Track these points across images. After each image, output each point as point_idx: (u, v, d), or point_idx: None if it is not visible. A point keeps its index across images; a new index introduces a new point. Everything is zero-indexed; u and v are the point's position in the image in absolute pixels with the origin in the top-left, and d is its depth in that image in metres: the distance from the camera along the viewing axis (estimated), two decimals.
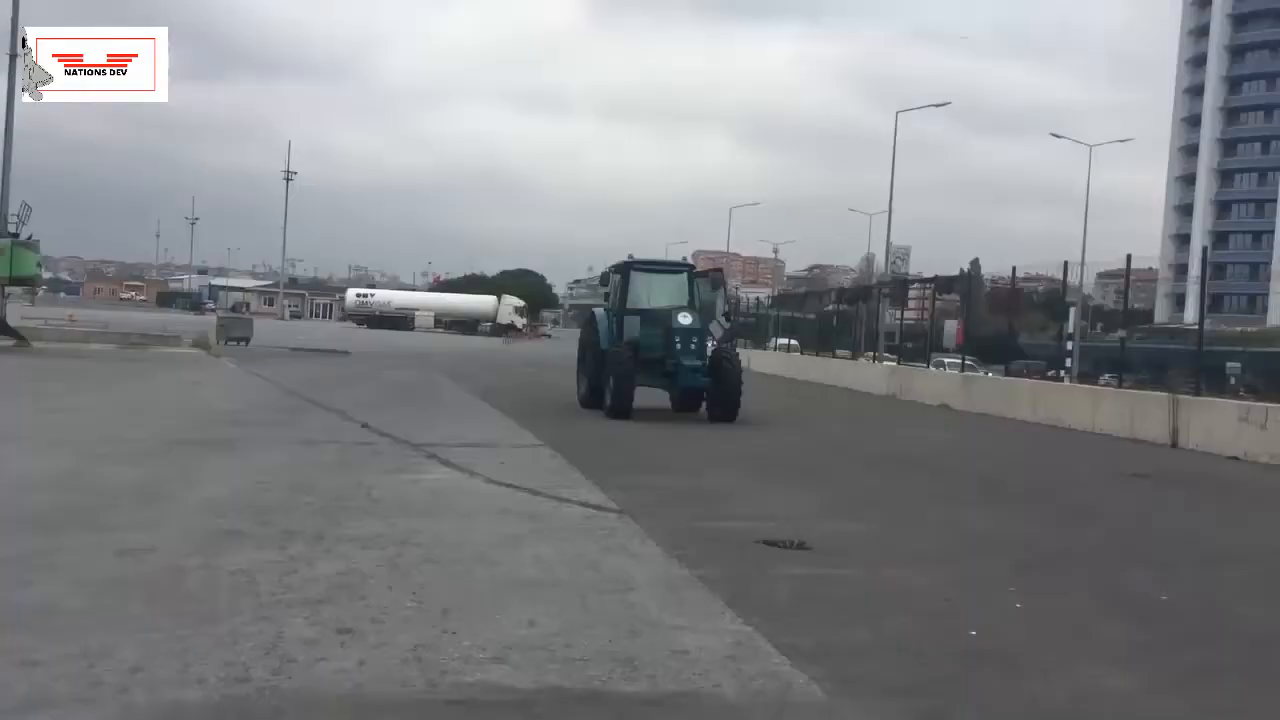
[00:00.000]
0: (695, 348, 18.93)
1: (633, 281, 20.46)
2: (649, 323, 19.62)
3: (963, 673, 5.52)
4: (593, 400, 19.75)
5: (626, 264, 21.37)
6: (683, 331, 18.89)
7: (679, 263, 25.13)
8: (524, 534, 8.33)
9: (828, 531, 9.04)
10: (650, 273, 21.17)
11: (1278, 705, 5.29)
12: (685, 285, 20.74)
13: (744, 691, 5.03)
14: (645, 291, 20.42)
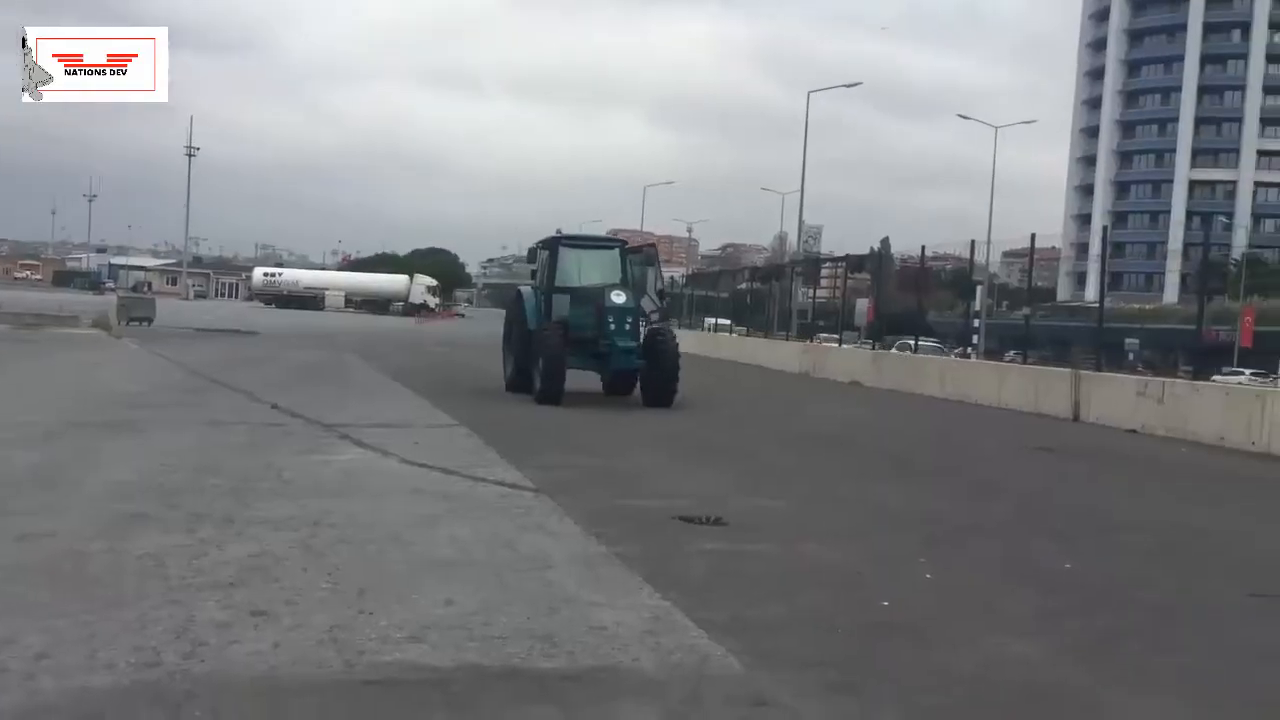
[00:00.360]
0: (629, 328, 17.95)
1: (561, 258, 19.28)
2: (579, 301, 18.52)
3: (874, 644, 5.63)
4: (520, 382, 18.80)
5: (555, 239, 20.13)
6: (615, 310, 17.87)
7: (610, 238, 23.91)
8: (439, 514, 8.26)
9: (743, 508, 9.12)
10: (580, 248, 20.06)
11: (1177, 669, 5.48)
12: (617, 262, 19.67)
13: (662, 665, 5.07)
14: (575, 268, 19.25)
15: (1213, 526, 9.93)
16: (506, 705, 4.46)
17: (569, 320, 18.35)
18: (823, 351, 33.21)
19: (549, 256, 19.51)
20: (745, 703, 4.62)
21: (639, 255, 20.48)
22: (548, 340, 17.74)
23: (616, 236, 24.57)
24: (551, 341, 17.66)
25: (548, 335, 17.83)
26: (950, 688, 4.98)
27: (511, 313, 20.34)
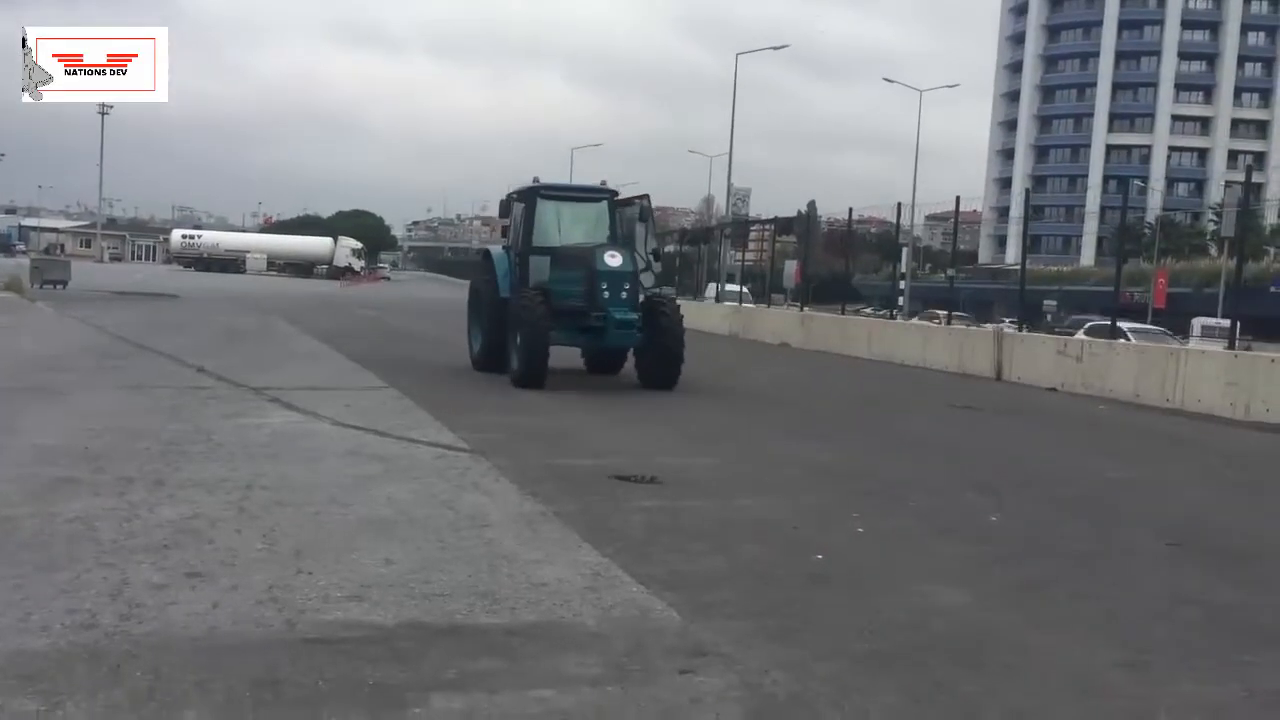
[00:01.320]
0: (626, 296, 14.90)
1: (540, 212, 16.35)
2: (565, 264, 15.64)
3: (810, 594, 5.75)
4: (490, 361, 15.99)
5: (532, 189, 17.03)
6: (610, 275, 14.80)
7: (598, 188, 18.94)
8: (375, 475, 8.23)
9: (678, 466, 9.22)
10: (562, 200, 16.98)
11: (1099, 613, 5.68)
12: (606, 216, 16.76)
13: (604, 619, 5.13)
14: (556, 224, 16.46)
15: (1130, 479, 10.26)
16: (451, 660, 4.49)
17: (550, 287, 15.46)
18: (751, 313, 33.45)
19: (524, 211, 16.50)
20: (686, 653, 4.70)
21: (632, 208, 17.24)
22: (528, 311, 14.71)
23: (604, 186, 19.01)
24: (532, 313, 14.64)
25: (527, 305, 14.83)
26: (886, 634, 5.12)
27: (478, 278, 17.48)
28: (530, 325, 14.56)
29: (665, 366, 15.47)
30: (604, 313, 14.77)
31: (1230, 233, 30.21)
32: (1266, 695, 4.59)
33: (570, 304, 15.05)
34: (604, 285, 14.77)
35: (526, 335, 14.60)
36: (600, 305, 14.77)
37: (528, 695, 4.16)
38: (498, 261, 16.64)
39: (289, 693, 4.08)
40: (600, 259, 14.88)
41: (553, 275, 15.62)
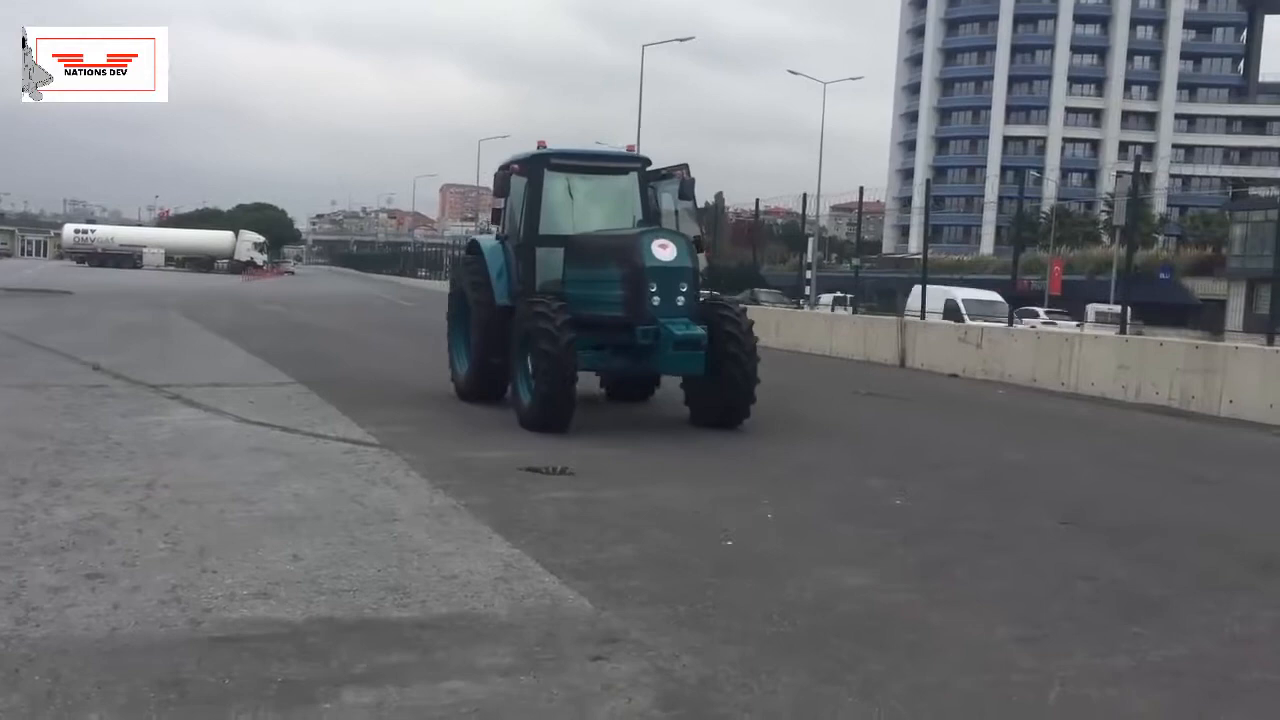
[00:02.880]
0: (684, 302, 10.86)
1: (549, 188, 12.15)
2: (590, 258, 11.59)
3: (721, 580, 5.83)
4: (483, 387, 12.46)
5: (538, 157, 12.31)
6: (663, 274, 10.74)
7: (624, 155, 13.57)
8: (281, 471, 8.11)
9: (587, 457, 9.23)
10: (579, 173, 12.58)
11: (998, 591, 5.86)
12: (634, 193, 12.62)
13: (516, 610, 5.15)
14: (569, 204, 12.29)
15: (1027, 461, 10.57)
16: (361, 654, 4.46)
17: (568, 290, 11.53)
18: None
19: (528, 187, 12.17)
20: (597, 641, 4.74)
21: (667, 182, 12.68)
22: (547, 325, 10.61)
23: (633, 152, 13.72)
24: (554, 329, 10.55)
25: (546, 317, 10.70)
26: (794, 617, 5.22)
27: (463, 278, 13.37)
28: (553, 346, 10.45)
29: (731, 399, 11.18)
30: (653, 326, 10.61)
31: (1122, 221, 31.28)
32: (1153, 665, 4.79)
33: (599, 314, 11.02)
34: (653, 288, 10.67)
35: (549, 360, 10.43)
36: (647, 315, 10.63)
37: (439, 687, 4.16)
38: (490, 257, 12.57)
39: (195, 692, 4.02)
40: (648, 251, 10.72)
41: (570, 274, 11.66)
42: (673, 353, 10.61)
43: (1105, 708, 4.28)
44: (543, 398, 10.57)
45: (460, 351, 13.30)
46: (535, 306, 10.93)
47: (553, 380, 10.42)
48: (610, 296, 11.01)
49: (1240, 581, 6.23)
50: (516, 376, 11.25)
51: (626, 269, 10.85)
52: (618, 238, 11.49)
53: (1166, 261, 60.84)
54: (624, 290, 10.84)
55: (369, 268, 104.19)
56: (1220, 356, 15.44)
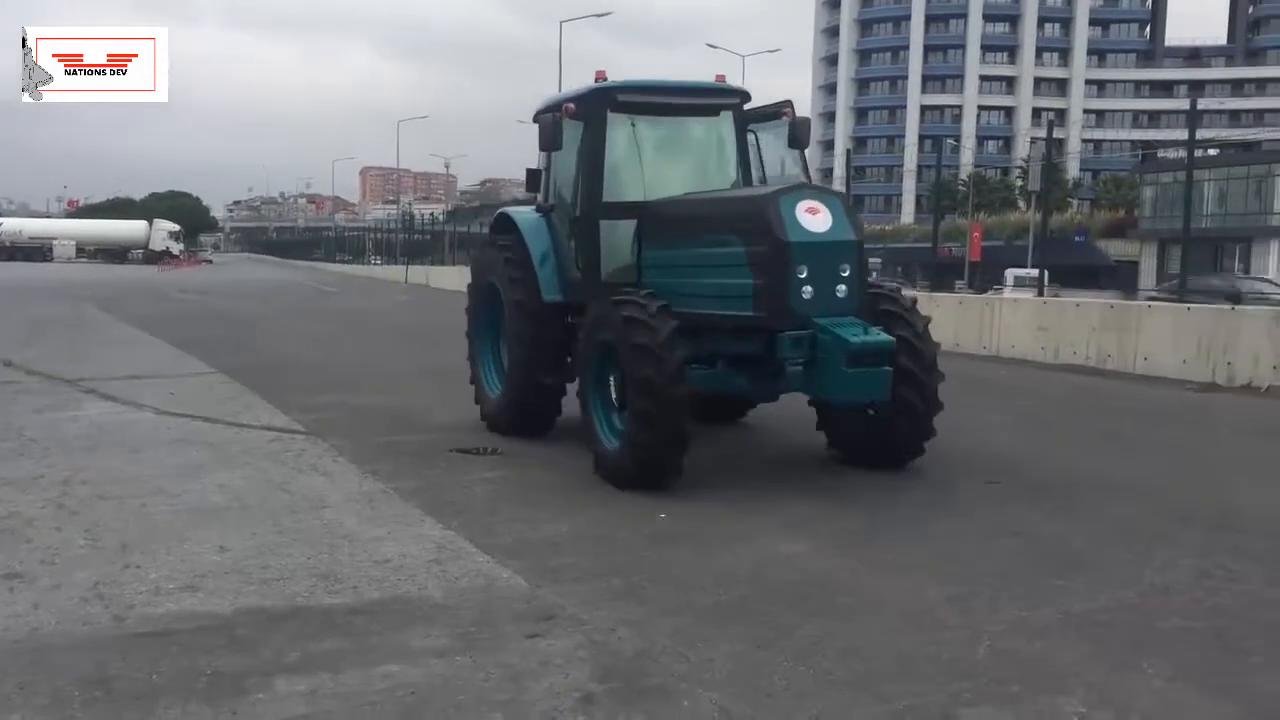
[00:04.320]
0: (846, 294, 7.52)
1: (614, 137, 8.68)
2: (684, 234, 8.21)
3: (656, 553, 5.85)
4: (525, 417, 9.30)
5: (600, 92, 8.81)
6: (815, 252, 7.39)
7: (711, 86, 9.41)
8: (205, 462, 7.96)
9: (517, 437, 9.18)
10: (654, 113, 8.97)
11: (925, 553, 5.96)
12: (730, 141, 9.23)
13: (450, 591, 5.11)
14: (636, 158, 8.78)
15: (951, 424, 10.72)
16: (293, 643, 4.40)
17: (651, 281, 8.26)
18: None
19: (586, 136, 8.71)
20: (533, 618, 4.73)
21: (771, 125, 9.23)
22: (647, 337, 7.32)
23: (723, 83, 9.55)
24: (660, 344, 7.27)
25: (641, 323, 7.41)
26: (729, 586, 5.26)
27: (488, 269, 9.86)
28: (656, 370, 7.16)
29: (905, 433, 8.06)
30: (808, 331, 7.27)
31: (1036, 187, 31.89)
32: (1079, 617, 4.90)
33: (704, 313, 7.71)
34: (802, 273, 7.28)
35: (649, 391, 7.18)
36: (797, 315, 7.28)
37: (373, 672, 4.11)
38: (531, 237, 9.29)
39: (121, 689, 3.93)
40: (790, 218, 7.31)
41: (651, 255, 8.43)
42: (846, 371, 7.10)
43: (1032, 660, 4.37)
44: (641, 445, 7.18)
45: (489, 368, 9.97)
46: (623, 307, 7.47)
47: (658, 420, 7.07)
48: (722, 288, 7.59)
49: (1159, 533, 6.40)
50: (589, 406, 7.88)
51: (758, 246, 7.30)
52: (737, 201, 8.08)
53: (1081, 225, 62.11)
54: (755, 278, 7.31)
55: (289, 254, 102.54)
56: (1134, 316, 15.84)
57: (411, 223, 66.00)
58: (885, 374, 7.34)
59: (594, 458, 7.78)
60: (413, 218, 69.88)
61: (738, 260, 7.50)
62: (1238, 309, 15.79)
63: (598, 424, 7.86)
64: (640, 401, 7.21)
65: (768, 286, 7.30)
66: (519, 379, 9.18)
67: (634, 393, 7.28)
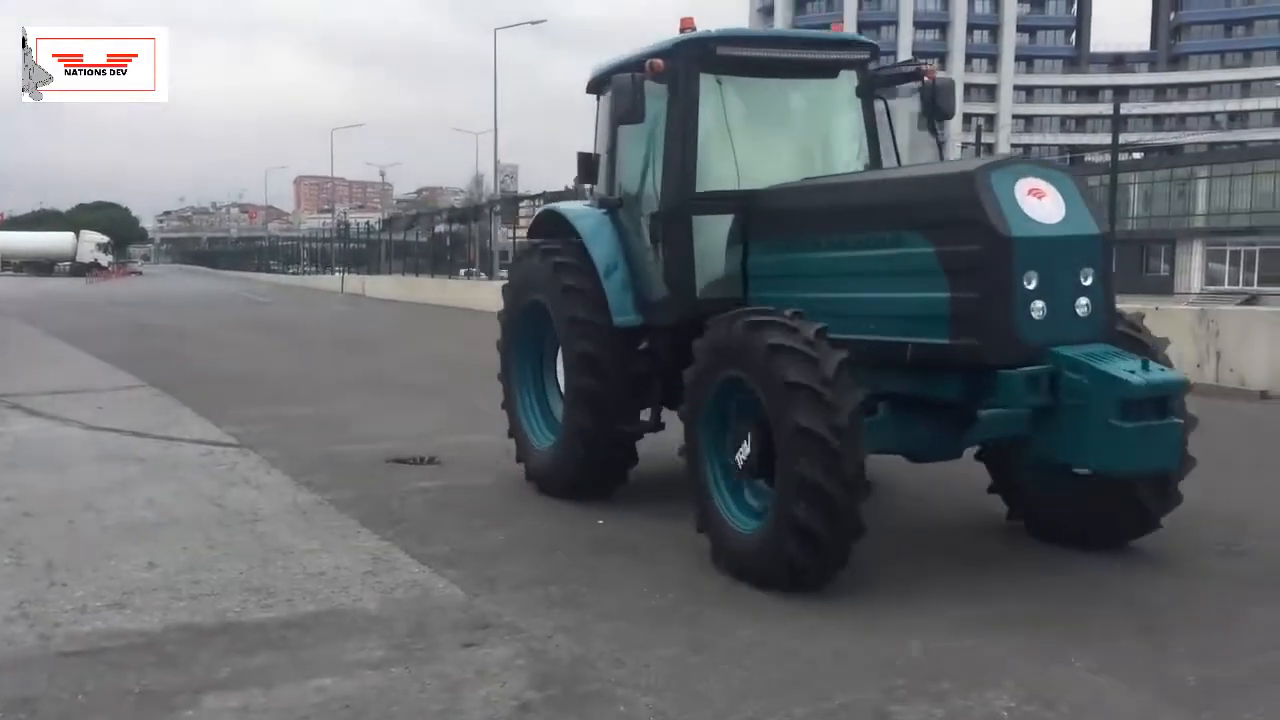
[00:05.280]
0: (1089, 311, 5.35)
1: (709, 104, 6.68)
2: (831, 229, 6.08)
3: (593, 560, 5.84)
4: (590, 474, 7.15)
5: (694, 43, 6.64)
6: (1047, 252, 5.24)
7: (827, 36, 7.33)
8: (134, 478, 7.82)
9: (455, 444, 9.14)
10: (758, 73, 6.87)
11: (871, 551, 6.01)
12: (855, 112, 7.21)
13: (385, 602, 5.07)
14: (737, 132, 6.79)
15: None
16: (224, 659, 4.33)
17: (755, 294, 6.49)
18: None
19: (672, 102, 6.67)
20: (470, 627, 4.71)
21: (918, 87, 7.16)
22: (809, 375, 5.11)
23: (847, 33, 7.48)
24: (829, 385, 5.08)
25: (796, 354, 5.19)
26: (666, 591, 5.27)
27: (528, 286, 7.75)
28: (826, 424, 5.05)
29: (1148, 493, 5.77)
30: (1046, 368, 5.25)
31: None
32: (1014, 615, 4.97)
33: (877, 339, 5.69)
34: (1031, 283, 5.24)
35: (822, 451, 5.04)
36: (1025, 344, 5.26)
37: (307, 686, 4.07)
38: (594, 240, 7.19)
39: (46, 709, 3.85)
40: (1008, 203, 5.27)
41: (767, 262, 6.52)
42: (1119, 427, 5.01)
43: (963, 655, 4.43)
44: (810, 535, 5.06)
45: (532, 412, 7.91)
46: (763, 330, 5.35)
47: (835, 497, 5.01)
48: (893, 305, 5.63)
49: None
50: (705, 473, 5.80)
51: (961, 244, 5.26)
52: (921, 182, 5.89)
53: None
54: (955, 290, 5.29)
55: (222, 265, 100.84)
56: None
57: (347, 231, 65.41)
58: (1175, 430, 5.24)
59: (711, 547, 5.69)
60: (348, 226, 69.25)
61: (922, 266, 5.40)
62: None
63: (718, 498, 5.72)
64: (806, 467, 4.99)
65: (980, 302, 5.20)
66: (585, 426, 6.92)
67: (793, 455, 5.05)
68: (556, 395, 7.75)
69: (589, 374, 6.89)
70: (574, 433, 7.05)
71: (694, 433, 5.87)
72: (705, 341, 5.74)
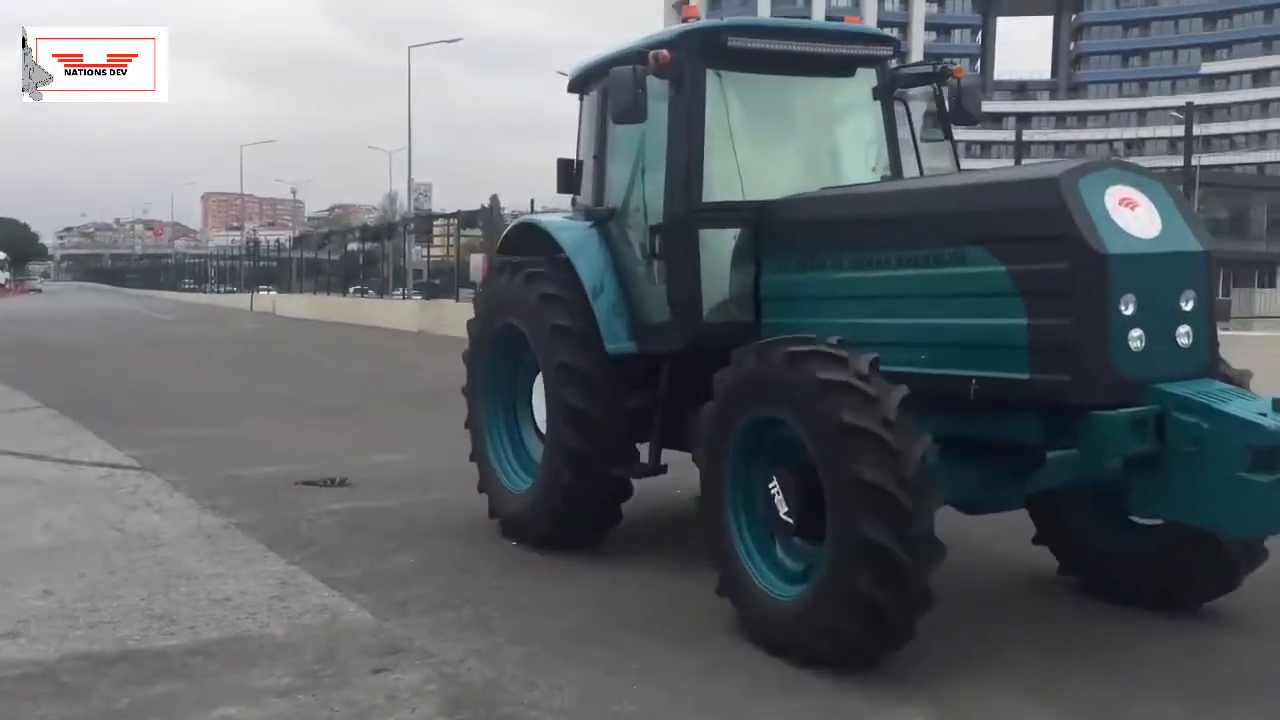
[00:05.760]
0: (1191, 341, 4.62)
1: (716, 102, 5.86)
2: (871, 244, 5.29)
3: (506, 581, 5.81)
4: (563, 526, 6.29)
5: (701, 35, 5.94)
6: (1145, 272, 4.49)
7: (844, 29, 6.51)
8: (30, 502, 7.58)
9: (367, 465, 9.03)
10: (766, 70, 6.10)
11: None
12: (874, 114, 6.47)
13: (293, 628, 4.98)
14: (742, 135, 5.95)
15: None
16: (123, 689, 4.22)
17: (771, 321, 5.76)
18: (439, 309, 33.17)
19: (676, 99, 5.85)
20: (380, 653, 4.64)
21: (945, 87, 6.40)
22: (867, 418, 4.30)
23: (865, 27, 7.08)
24: (891, 428, 4.29)
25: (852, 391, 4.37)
26: (578, 612, 5.25)
27: (501, 306, 6.86)
28: (893, 476, 4.24)
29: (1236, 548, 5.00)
30: (1152, 409, 4.45)
31: None
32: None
33: (936, 374, 4.91)
34: (1127, 308, 4.44)
35: (888, 504, 4.23)
36: (1125, 381, 4.47)
37: (210, 715, 3.98)
38: (581, 255, 6.46)
39: None
40: (1099, 215, 4.47)
41: (781, 281, 5.82)
42: (1249, 480, 4.21)
43: (877, 676, 4.46)
44: (871, 603, 4.28)
45: (503, 448, 7.03)
46: (808, 362, 4.53)
47: (902, 560, 4.23)
48: (954, 334, 4.87)
49: None
50: (731, 529, 4.99)
51: (1045, 262, 4.51)
52: (992, 189, 5.03)
53: None
54: (1034, 316, 4.56)
55: (126, 282, 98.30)
56: None
57: (257, 249, 64.29)
58: None
59: (738, 614, 4.91)
60: (258, 244, 68.05)
61: (991, 287, 4.67)
62: None
63: (746, 560, 4.91)
64: (870, 528, 4.20)
65: (1070, 330, 4.44)
66: (569, 469, 6.12)
67: (852, 514, 4.26)
68: (533, 431, 6.89)
69: (575, 414, 6.05)
70: (553, 484, 6.22)
71: (715, 480, 5.01)
72: (731, 374, 4.90)
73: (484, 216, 35.55)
